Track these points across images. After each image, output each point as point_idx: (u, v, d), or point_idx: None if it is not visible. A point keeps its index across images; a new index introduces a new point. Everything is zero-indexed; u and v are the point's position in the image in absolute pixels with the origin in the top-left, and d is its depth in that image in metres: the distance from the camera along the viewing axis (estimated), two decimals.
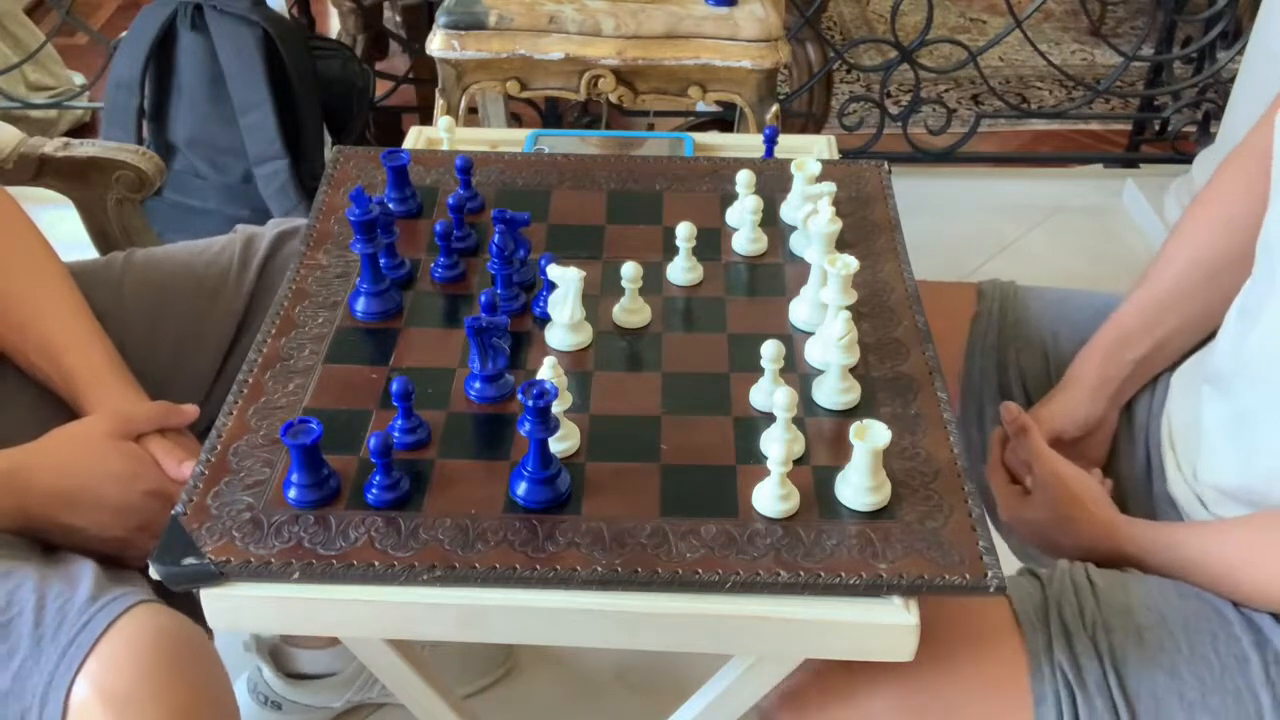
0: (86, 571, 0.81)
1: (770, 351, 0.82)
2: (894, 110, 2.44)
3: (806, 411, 0.84)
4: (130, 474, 0.91)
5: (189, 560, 0.73)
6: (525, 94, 1.54)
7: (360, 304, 0.93)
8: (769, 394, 0.82)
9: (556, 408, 0.77)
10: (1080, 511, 0.94)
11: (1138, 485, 1.04)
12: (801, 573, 0.72)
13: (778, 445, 0.75)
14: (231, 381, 0.86)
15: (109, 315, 1.02)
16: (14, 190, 1.07)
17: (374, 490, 0.76)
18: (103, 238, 1.41)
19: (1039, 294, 1.14)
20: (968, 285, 1.15)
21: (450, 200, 0.98)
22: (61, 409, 0.97)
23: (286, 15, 2.27)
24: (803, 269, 0.95)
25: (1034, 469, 0.98)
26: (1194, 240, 1.03)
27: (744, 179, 1.01)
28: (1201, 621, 0.82)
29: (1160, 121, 2.61)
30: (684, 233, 0.95)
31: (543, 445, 0.76)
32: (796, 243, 1.02)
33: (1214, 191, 1.03)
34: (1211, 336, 1.00)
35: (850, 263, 0.85)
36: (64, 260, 1.04)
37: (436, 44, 1.49)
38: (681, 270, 0.97)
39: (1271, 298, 0.87)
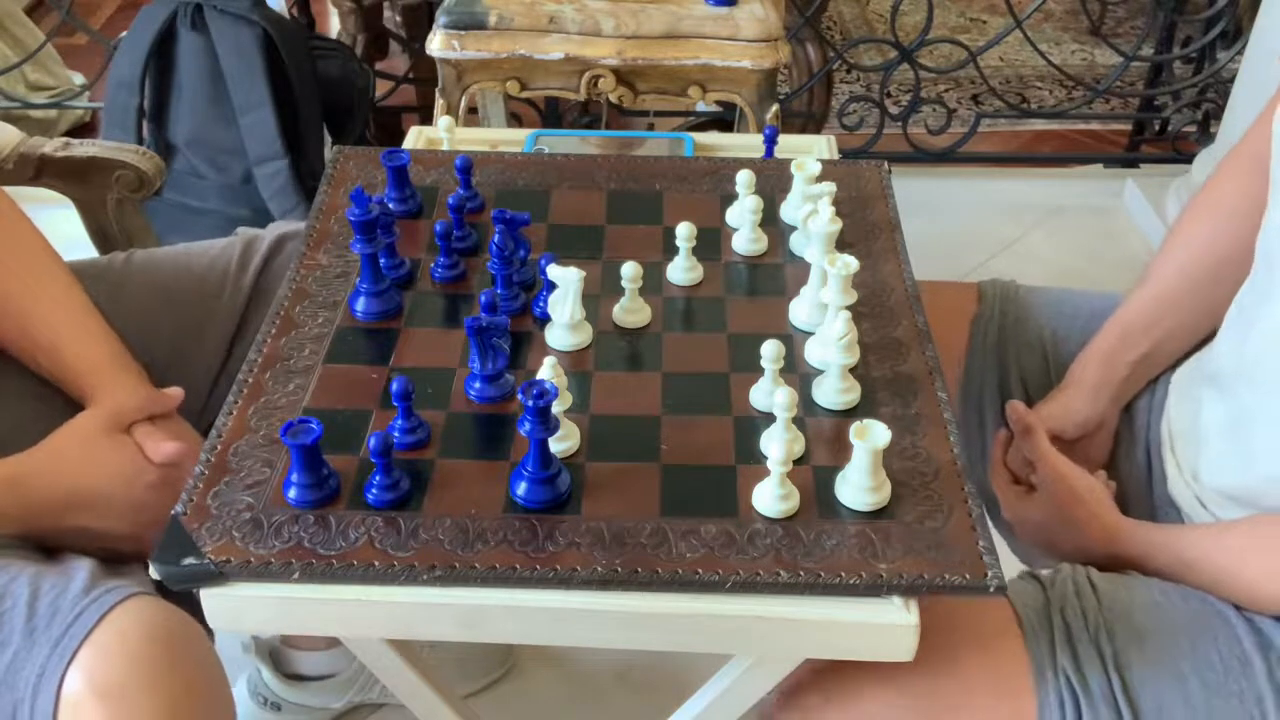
0: (82, 565, 0.81)
1: (770, 351, 0.82)
2: (894, 110, 2.44)
3: (806, 411, 0.84)
4: (131, 471, 0.91)
5: (189, 560, 0.73)
6: (525, 94, 1.54)
7: (360, 304, 0.93)
8: (769, 394, 0.82)
9: (556, 408, 0.77)
10: (1082, 512, 0.94)
11: (1139, 487, 1.04)
12: (801, 573, 0.72)
13: (778, 445, 0.75)
14: (231, 383, 0.86)
15: (108, 316, 1.02)
16: (14, 190, 1.07)
17: (374, 490, 0.76)
18: (103, 238, 1.41)
19: (1040, 293, 1.13)
20: (968, 285, 1.14)
21: (450, 200, 0.98)
22: (64, 405, 0.97)
23: (286, 15, 2.27)
24: (803, 269, 0.95)
25: (1037, 469, 0.98)
26: (1194, 239, 1.03)
27: (744, 179, 1.01)
28: (1204, 623, 0.82)
29: (1160, 121, 2.61)
30: (684, 233, 0.95)
31: (543, 445, 0.76)
32: (796, 243, 1.02)
33: (1213, 189, 1.03)
34: (1211, 337, 0.99)
35: (850, 263, 0.85)
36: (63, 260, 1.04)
37: (436, 44, 1.49)
38: (681, 270, 0.97)
39: (1271, 300, 0.87)
